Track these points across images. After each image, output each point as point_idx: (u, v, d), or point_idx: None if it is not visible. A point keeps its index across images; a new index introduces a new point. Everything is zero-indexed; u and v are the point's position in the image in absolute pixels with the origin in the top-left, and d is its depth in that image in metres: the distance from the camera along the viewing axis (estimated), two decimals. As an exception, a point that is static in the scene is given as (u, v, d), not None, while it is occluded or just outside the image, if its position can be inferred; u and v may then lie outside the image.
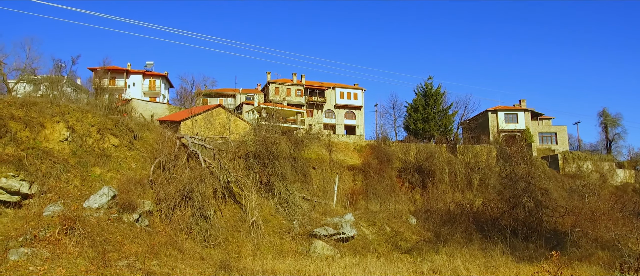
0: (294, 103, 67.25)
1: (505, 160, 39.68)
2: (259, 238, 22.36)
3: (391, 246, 25.79)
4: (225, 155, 25.85)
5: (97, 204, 17.95)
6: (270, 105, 60.82)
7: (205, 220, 20.68)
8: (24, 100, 22.11)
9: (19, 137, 19.89)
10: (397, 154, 49.20)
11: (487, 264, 18.94)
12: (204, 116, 37.24)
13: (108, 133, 23.19)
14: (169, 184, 21.23)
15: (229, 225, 22.94)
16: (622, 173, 57.52)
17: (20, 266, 13.72)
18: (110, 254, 15.10)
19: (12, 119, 20.26)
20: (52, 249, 14.68)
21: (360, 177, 44.73)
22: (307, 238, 23.83)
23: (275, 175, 27.63)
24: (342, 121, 70.42)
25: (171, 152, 23.75)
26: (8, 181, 17.61)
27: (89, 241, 15.35)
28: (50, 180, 18.89)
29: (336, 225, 25.01)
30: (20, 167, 18.34)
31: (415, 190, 44.09)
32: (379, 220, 29.54)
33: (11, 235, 15.10)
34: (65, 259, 14.35)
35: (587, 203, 33.81)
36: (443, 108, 63.83)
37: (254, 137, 29.33)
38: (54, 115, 21.81)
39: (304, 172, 39.30)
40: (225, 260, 17.12)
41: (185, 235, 19.86)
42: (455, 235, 27.59)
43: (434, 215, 31.78)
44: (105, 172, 21.25)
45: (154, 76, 69.00)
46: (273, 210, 26.43)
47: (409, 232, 28.79)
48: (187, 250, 18.02)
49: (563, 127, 63.70)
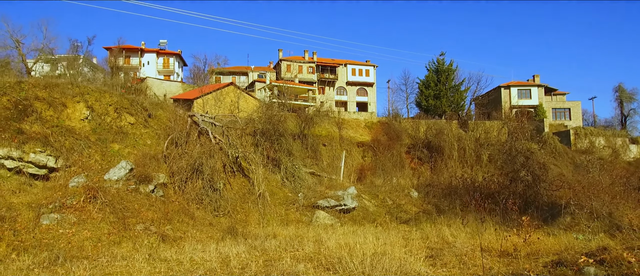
0: (305, 81, 68.82)
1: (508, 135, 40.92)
2: (265, 209, 24.49)
3: (391, 217, 27.70)
4: (234, 132, 27.89)
5: (116, 176, 20.18)
6: (282, 82, 62.53)
7: (214, 192, 22.85)
8: (47, 82, 24.34)
9: (44, 116, 22.15)
10: (407, 131, 50.70)
11: (473, 231, 20.68)
12: (214, 95, 39.28)
13: (124, 112, 25.37)
14: (181, 159, 23.39)
15: (237, 196, 25.12)
16: (636, 148, 58.09)
17: (51, 229, 16.04)
18: (129, 219, 17.36)
19: (37, 100, 22.51)
20: (79, 215, 16.97)
21: (370, 154, 46.48)
22: (310, 209, 25.90)
23: (281, 151, 29.65)
24: (353, 98, 71.90)
25: (183, 129, 25.86)
26: (36, 156, 19.93)
27: (110, 208, 17.60)
28: (74, 155, 21.17)
29: (338, 197, 27.01)
30: (46, 143, 20.62)
31: (424, 166, 45.68)
32: (382, 193, 31.45)
33: (42, 203, 17.39)
34: (90, 223, 16.64)
35: (590, 177, 35.09)
36: (455, 85, 64.72)
37: (261, 115, 31.25)
38: (74, 96, 24.02)
39: (314, 148, 41.30)
40: (232, 226, 19.27)
41: (197, 205, 22.07)
42: (455, 207, 29.31)
43: (436, 189, 33.51)
44: (123, 147, 23.49)
45: (167, 54, 71.22)
46: (279, 183, 28.54)
47: (410, 204, 30.67)
48: (197, 218, 20.24)
49: (577, 102, 64.17)
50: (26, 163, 19.61)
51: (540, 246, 14.92)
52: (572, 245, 13.69)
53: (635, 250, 10.80)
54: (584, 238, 15.10)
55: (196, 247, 15.49)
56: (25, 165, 19.58)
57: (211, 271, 12.11)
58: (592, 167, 39.95)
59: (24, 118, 21.11)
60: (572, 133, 56.68)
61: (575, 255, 11.51)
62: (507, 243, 15.64)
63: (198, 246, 15.63)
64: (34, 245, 14.67)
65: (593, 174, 37.31)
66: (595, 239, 14.40)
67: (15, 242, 14.77)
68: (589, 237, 15.60)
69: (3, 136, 19.65)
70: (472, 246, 16.71)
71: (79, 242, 15.46)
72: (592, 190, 30.54)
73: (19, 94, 21.98)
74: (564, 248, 13.58)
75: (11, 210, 16.37)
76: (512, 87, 64.66)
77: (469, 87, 65.33)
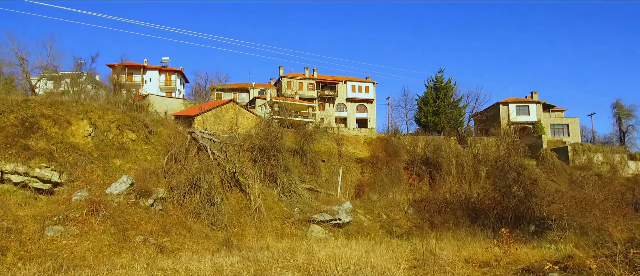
0: (306, 97, 70.10)
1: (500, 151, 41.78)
2: (261, 223, 25.46)
3: (384, 231, 28.59)
4: (232, 148, 28.99)
5: (118, 190, 21.24)
6: (282, 99, 63.82)
7: (212, 206, 23.85)
8: (53, 100, 25.56)
9: (49, 133, 23.31)
10: (406, 147, 51.68)
11: (461, 244, 21.54)
12: (214, 111, 40.54)
13: (126, 128, 26.54)
14: (180, 174, 24.45)
15: (234, 211, 26.11)
16: (634, 164, 58.81)
17: (55, 240, 17.07)
18: (129, 231, 18.38)
19: (43, 117, 23.70)
20: (81, 227, 18.00)
21: (368, 169, 47.41)
22: (305, 224, 26.83)
23: (278, 166, 30.69)
24: (353, 114, 73.10)
25: (182, 145, 26.96)
26: (41, 171, 21.04)
27: (111, 221, 18.64)
28: (77, 170, 22.25)
29: (333, 211, 27.95)
30: (51, 159, 21.74)
31: (422, 181, 46.57)
32: (377, 209, 32.37)
33: (46, 216, 18.44)
34: (92, 235, 17.66)
35: (583, 193, 35.92)
36: (453, 101, 65.91)
37: (259, 131, 32.36)
38: (78, 113, 25.22)
39: (313, 164, 42.32)
40: (227, 238, 20.24)
41: (194, 219, 23.06)
42: (448, 222, 30.18)
43: (430, 204, 34.38)
44: (124, 163, 24.59)
45: (169, 72, 72.78)
46: (276, 198, 29.52)
47: (404, 219, 31.56)
48: (194, 230, 21.23)
49: (575, 118, 65.15)
50: (32, 178, 20.71)
51: (519, 257, 15.84)
52: (546, 255, 14.60)
53: (598, 258, 11.70)
54: (556, 249, 16.00)
55: (192, 258, 16.46)
56: (30, 180, 20.68)
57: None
58: (587, 182, 40.87)
59: (30, 134, 22.27)
60: (570, 150, 57.55)
61: (543, 263, 12.43)
62: (489, 254, 16.62)
63: (194, 257, 16.60)
64: (38, 255, 15.66)
65: (587, 190, 38.19)
66: (565, 249, 15.29)
67: (21, 252, 15.78)
68: (561, 247, 16.50)
69: (10, 152, 20.78)
70: (457, 257, 17.66)
71: (81, 252, 16.46)
72: (585, 206, 31.47)
73: (25, 112, 23.19)
74: (539, 257, 14.48)
75: (17, 222, 17.41)
76: (511, 103, 65.74)
77: (467, 103, 66.58)
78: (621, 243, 13.32)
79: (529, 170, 32.45)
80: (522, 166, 32.42)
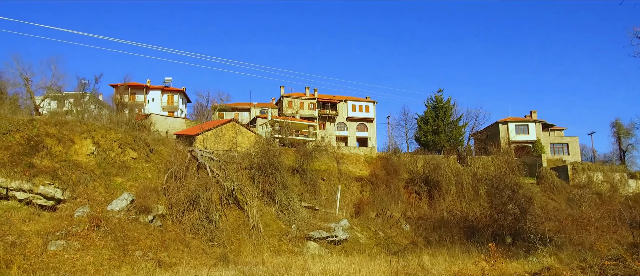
0: (306, 116, 71.10)
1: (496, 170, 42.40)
2: (259, 239, 26.12)
3: (381, 249, 29.12)
4: (231, 166, 29.81)
5: (118, 207, 22.03)
6: (283, 118, 64.86)
7: (210, 223, 24.57)
8: (57, 120, 26.56)
9: (53, 151, 24.22)
10: (406, 166, 52.35)
11: (453, 261, 22.15)
12: (215, 131, 41.50)
13: (128, 147, 27.44)
14: (179, 191, 25.25)
15: (232, 227, 26.81)
16: (634, 183, 59.20)
17: (57, 254, 17.81)
18: (129, 246, 19.12)
19: (48, 136, 24.65)
20: (82, 242, 18.75)
21: (368, 188, 48.04)
22: (302, 241, 27.45)
23: (276, 184, 31.45)
24: (354, 133, 73.98)
25: (182, 163, 27.80)
26: (45, 188, 21.88)
27: (111, 236, 19.38)
28: (80, 187, 23.10)
29: (330, 229, 28.59)
30: (54, 176, 22.60)
31: (422, 200, 47.16)
32: (374, 226, 32.97)
33: (49, 231, 19.21)
34: (93, 249, 18.40)
35: (581, 211, 36.44)
36: (453, 120, 66.78)
37: (257, 150, 33.22)
38: (82, 133, 26.17)
39: (313, 182, 43.02)
40: (224, 254, 20.92)
41: (193, 235, 23.77)
42: (444, 239, 30.75)
43: (428, 222, 34.98)
44: (125, 180, 25.42)
45: (172, 91, 74.03)
46: (274, 215, 30.21)
47: (401, 237, 32.13)
48: (193, 246, 21.93)
49: (575, 137, 65.81)
50: (36, 194, 21.54)
51: (506, 270, 16.49)
52: (528, 268, 15.26)
53: (574, 269, 12.38)
54: (538, 261, 16.65)
55: (189, 272, 17.19)
56: (34, 197, 21.51)
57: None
58: (584, 201, 41.37)
59: (35, 153, 23.17)
60: (569, 169, 58.05)
61: (524, 274, 13.11)
62: (477, 268, 17.27)
63: (191, 271, 17.33)
64: (42, 268, 16.41)
65: (584, 208, 38.70)
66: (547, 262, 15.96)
67: (25, 265, 16.52)
68: (542, 260, 17.14)
69: (15, 170, 21.66)
70: (447, 272, 18.31)
71: (83, 266, 17.19)
72: (580, 223, 32.00)
73: (31, 131, 24.15)
74: (522, 270, 15.15)
75: (22, 237, 18.18)
76: (510, 122, 66.55)
77: (467, 122, 67.40)
78: (600, 257, 14.01)
79: (524, 188, 33.04)
80: (518, 184, 33.05)
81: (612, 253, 17.83)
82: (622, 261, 12.98)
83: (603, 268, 11.89)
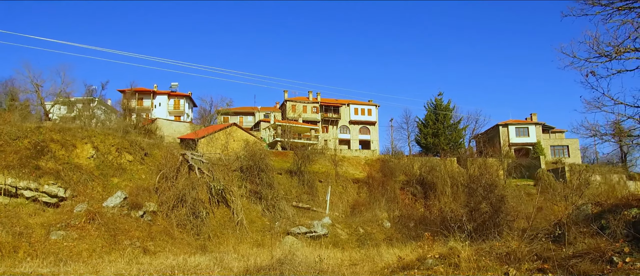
0: (309, 120, 74.40)
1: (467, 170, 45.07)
2: (242, 235, 29.55)
3: (360, 244, 32.27)
4: (220, 167, 33.36)
5: (113, 204, 25.73)
6: (286, 122, 68.32)
7: (196, 218, 28.11)
8: (61, 127, 30.48)
9: (57, 155, 28.07)
10: (403, 168, 55.26)
11: (403, 249, 25.21)
12: (216, 135, 45.39)
13: (124, 151, 31.24)
14: (169, 190, 28.86)
15: (219, 223, 30.33)
16: (633, 184, 61.07)
17: (57, 242, 21.51)
18: (119, 237, 22.77)
19: (52, 141, 28.53)
20: (79, 232, 22.45)
21: (365, 189, 51.07)
22: (284, 236, 30.78)
23: (262, 184, 34.91)
24: (356, 136, 77.09)
25: (174, 166, 31.43)
26: (49, 187, 25.69)
27: (105, 228, 23.06)
28: (80, 186, 26.88)
29: (310, 225, 31.88)
30: (58, 177, 26.41)
31: (418, 201, 50.05)
32: (355, 223, 36.13)
33: (52, 223, 22.96)
34: (88, 239, 22.08)
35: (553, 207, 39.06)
36: (453, 123, 69.53)
37: (245, 153, 36.76)
38: (83, 138, 30.02)
39: (310, 184, 46.22)
40: (204, 244, 24.42)
41: (180, 230, 27.34)
42: (420, 236, 33.72)
43: (408, 221, 37.98)
44: (121, 181, 29.17)
45: (178, 96, 78.16)
46: (260, 213, 33.66)
47: (381, 233, 35.22)
48: (177, 238, 25.50)
49: (575, 139, 67.92)
50: (41, 193, 25.36)
51: (430, 251, 19.56)
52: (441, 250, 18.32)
53: (481, 250, 15.38)
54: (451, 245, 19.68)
55: (168, 257, 20.67)
56: (40, 195, 25.34)
57: (170, 268, 17.22)
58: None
59: (41, 156, 27.04)
60: (567, 170, 60.23)
61: (435, 254, 16.20)
62: (416, 253, 20.34)
63: (170, 257, 20.81)
64: (44, 253, 20.10)
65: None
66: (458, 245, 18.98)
67: (30, 250, 20.25)
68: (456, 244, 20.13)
69: (23, 171, 25.51)
70: (393, 257, 21.46)
71: (79, 252, 20.87)
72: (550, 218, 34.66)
73: (37, 137, 28.05)
74: (437, 252, 18.22)
75: (28, 228, 21.95)
76: (510, 125, 68.95)
77: (467, 125, 70.06)
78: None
79: (499, 188, 35.84)
80: (494, 185, 35.89)
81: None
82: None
83: (511, 249, 14.70)
